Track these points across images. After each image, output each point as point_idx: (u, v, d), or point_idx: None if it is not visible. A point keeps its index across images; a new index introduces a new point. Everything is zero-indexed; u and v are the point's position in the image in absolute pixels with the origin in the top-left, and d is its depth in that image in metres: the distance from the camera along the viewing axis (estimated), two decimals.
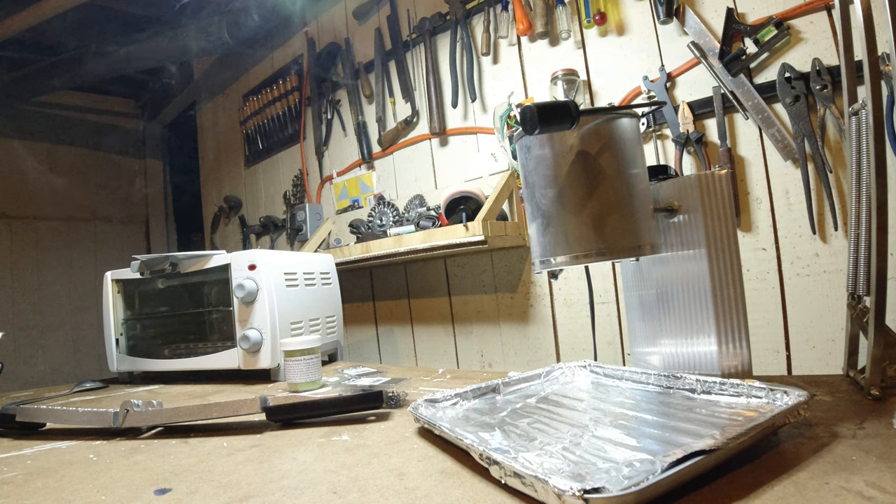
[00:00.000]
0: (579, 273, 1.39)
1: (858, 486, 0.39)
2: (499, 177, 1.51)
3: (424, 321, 1.80)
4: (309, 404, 0.75)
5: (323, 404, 0.74)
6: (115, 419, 0.72)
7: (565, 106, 0.61)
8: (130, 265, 1.29)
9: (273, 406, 0.73)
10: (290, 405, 0.74)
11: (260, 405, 0.73)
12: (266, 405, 0.73)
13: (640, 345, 0.80)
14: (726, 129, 1.16)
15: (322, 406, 0.74)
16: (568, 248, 0.68)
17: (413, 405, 0.67)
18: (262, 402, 0.73)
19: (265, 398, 0.73)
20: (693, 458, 0.40)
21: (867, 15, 0.60)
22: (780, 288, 1.12)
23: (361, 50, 1.97)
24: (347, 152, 2.05)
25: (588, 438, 0.53)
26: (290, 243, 2.25)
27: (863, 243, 0.65)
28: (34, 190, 3.09)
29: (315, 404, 0.75)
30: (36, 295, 3.04)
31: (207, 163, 2.92)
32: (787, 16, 1.08)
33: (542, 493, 0.40)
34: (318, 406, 0.74)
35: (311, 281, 1.32)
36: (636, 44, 1.30)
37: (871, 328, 0.60)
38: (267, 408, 0.73)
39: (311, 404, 0.75)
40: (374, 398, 0.74)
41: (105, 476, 0.58)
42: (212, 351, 1.20)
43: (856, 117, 0.66)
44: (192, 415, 0.75)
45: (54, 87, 2.58)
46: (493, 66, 1.58)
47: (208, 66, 2.85)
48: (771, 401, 0.55)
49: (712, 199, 0.68)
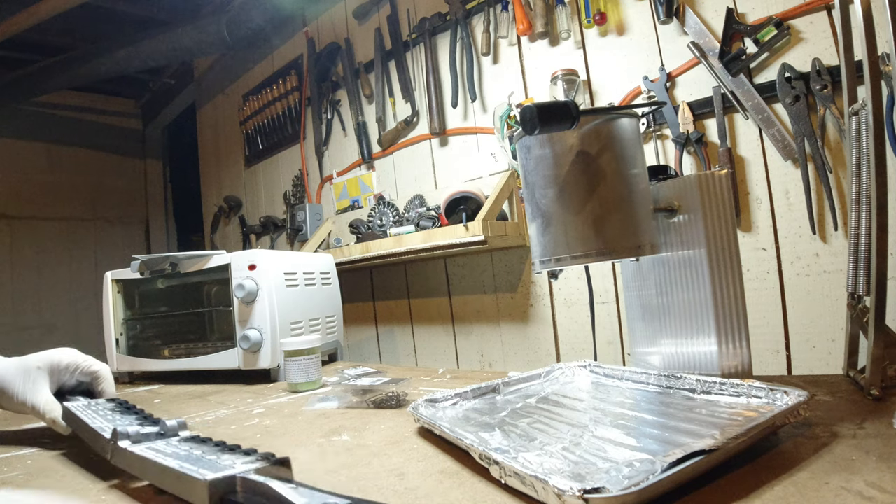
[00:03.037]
0: (579, 273, 1.39)
1: (858, 486, 0.39)
2: (499, 177, 1.51)
3: (424, 321, 1.80)
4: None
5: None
6: (108, 449, 0.55)
7: (565, 106, 0.61)
8: (130, 265, 1.29)
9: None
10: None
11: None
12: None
13: (640, 345, 0.80)
14: (726, 129, 1.16)
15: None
16: (568, 248, 0.68)
17: (413, 405, 0.67)
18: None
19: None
20: (693, 458, 0.40)
21: (867, 15, 0.60)
22: (780, 288, 1.12)
23: (361, 50, 1.97)
24: (347, 152, 2.05)
25: (588, 438, 0.53)
26: (290, 243, 2.25)
27: (863, 243, 0.65)
28: (34, 190, 3.09)
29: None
30: (36, 295, 3.04)
31: (207, 163, 2.92)
32: (787, 16, 1.08)
33: (542, 493, 0.40)
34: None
35: (311, 281, 1.32)
36: (636, 44, 1.30)
37: (871, 328, 0.60)
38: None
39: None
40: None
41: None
42: (212, 351, 1.20)
43: (856, 117, 0.66)
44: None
45: (54, 87, 2.58)
46: (493, 66, 1.58)
47: (208, 66, 2.85)
48: (771, 401, 0.55)
49: (712, 199, 0.68)
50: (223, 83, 2.72)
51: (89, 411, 0.66)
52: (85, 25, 2.43)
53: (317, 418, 0.78)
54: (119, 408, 0.69)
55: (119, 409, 0.68)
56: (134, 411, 0.67)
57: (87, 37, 2.49)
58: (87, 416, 0.64)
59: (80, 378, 0.76)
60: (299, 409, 0.86)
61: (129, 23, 2.44)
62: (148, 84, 3.32)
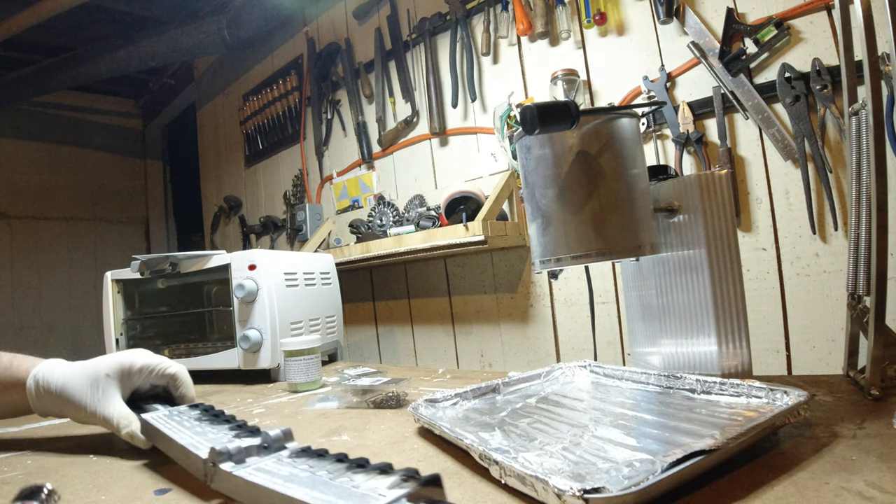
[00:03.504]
0: (579, 273, 1.39)
1: (858, 486, 0.39)
2: (499, 177, 1.51)
3: (424, 321, 1.80)
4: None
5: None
6: (206, 471, 0.48)
7: (565, 106, 0.61)
8: (130, 265, 1.29)
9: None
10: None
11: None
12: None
13: (640, 345, 0.80)
14: (726, 129, 1.16)
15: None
16: (568, 248, 0.68)
17: (413, 405, 0.67)
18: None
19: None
20: (693, 458, 0.40)
21: (867, 15, 0.60)
22: (780, 288, 1.12)
23: (361, 50, 1.97)
24: (347, 152, 2.05)
25: (588, 438, 0.53)
26: (290, 243, 2.25)
27: (863, 243, 0.65)
28: (34, 190, 3.10)
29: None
30: (36, 295, 3.04)
31: (207, 163, 2.92)
32: (787, 16, 1.08)
33: (542, 493, 0.40)
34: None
35: (311, 281, 1.32)
36: (636, 44, 1.30)
37: (871, 328, 0.60)
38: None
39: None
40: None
41: (105, 476, 0.58)
42: (212, 351, 1.20)
43: (856, 117, 0.66)
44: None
45: (54, 87, 2.58)
46: (493, 66, 1.58)
47: (208, 66, 2.85)
48: (771, 401, 0.55)
49: (712, 199, 0.68)
50: (223, 83, 2.72)
51: (172, 422, 0.58)
52: (85, 25, 2.43)
53: (317, 418, 0.78)
54: (205, 415, 0.61)
55: (207, 418, 0.60)
56: (224, 418, 0.59)
57: (87, 37, 2.49)
58: (170, 428, 0.56)
59: (155, 381, 0.69)
60: (299, 409, 0.86)
61: (129, 23, 2.44)
62: (148, 84, 3.32)
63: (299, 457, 0.46)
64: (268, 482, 0.40)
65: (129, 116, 3.58)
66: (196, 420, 0.59)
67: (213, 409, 0.62)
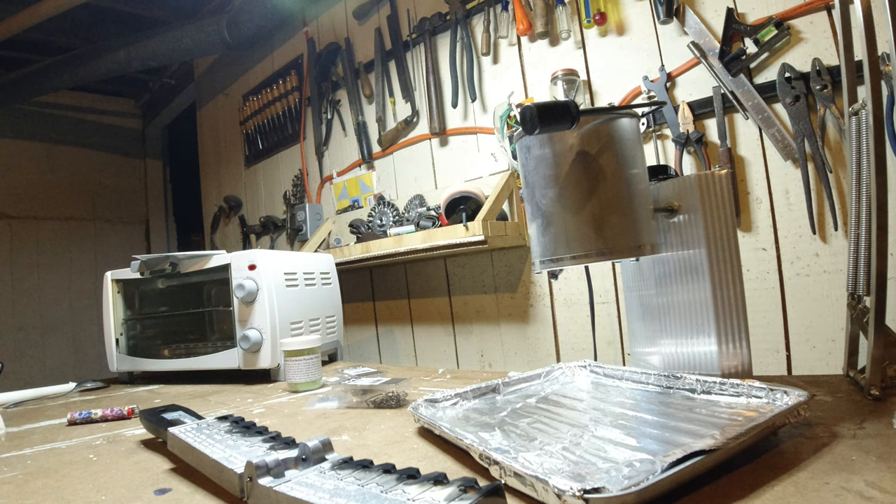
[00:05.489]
0: (579, 273, 1.39)
1: (858, 486, 0.39)
2: (499, 177, 1.51)
3: (424, 321, 1.80)
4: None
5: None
6: (243, 487, 0.46)
7: (565, 106, 0.61)
8: (130, 265, 1.29)
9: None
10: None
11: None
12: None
13: (640, 345, 0.80)
14: (726, 129, 1.16)
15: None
16: (568, 248, 0.68)
17: (413, 405, 0.67)
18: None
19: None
20: (693, 458, 0.40)
21: (867, 15, 0.60)
22: (780, 288, 1.12)
23: (361, 50, 1.97)
24: (347, 152, 2.05)
25: (588, 438, 0.53)
26: (290, 243, 2.25)
27: (863, 243, 0.65)
28: (34, 190, 3.10)
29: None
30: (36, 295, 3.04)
31: (207, 163, 2.92)
32: (787, 16, 1.08)
33: (542, 493, 0.40)
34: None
35: (311, 281, 1.32)
36: (636, 44, 1.30)
37: (871, 328, 0.60)
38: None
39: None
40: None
41: (105, 476, 0.58)
42: (212, 351, 1.20)
43: (856, 117, 0.66)
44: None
45: (54, 87, 2.58)
46: (493, 66, 1.58)
47: (208, 66, 2.85)
48: (771, 401, 0.55)
49: (712, 199, 0.68)
50: (223, 83, 2.72)
51: (202, 436, 0.56)
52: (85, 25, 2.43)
53: (317, 418, 0.78)
54: (236, 427, 0.59)
55: (238, 430, 0.57)
56: (256, 430, 0.57)
57: (87, 37, 2.49)
58: (200, 442, 0.53)
59: None
60: (299, 408, 0.86)
61: (129, 23, 2.44)
62: (148, 84, 3.32)
63: (342, 468, 0.43)
64: (312, 497, 0.37)
65: (129, 116, 3.58)
66: (227, 433, 0.57)
67: (243, 421, 0.60)
